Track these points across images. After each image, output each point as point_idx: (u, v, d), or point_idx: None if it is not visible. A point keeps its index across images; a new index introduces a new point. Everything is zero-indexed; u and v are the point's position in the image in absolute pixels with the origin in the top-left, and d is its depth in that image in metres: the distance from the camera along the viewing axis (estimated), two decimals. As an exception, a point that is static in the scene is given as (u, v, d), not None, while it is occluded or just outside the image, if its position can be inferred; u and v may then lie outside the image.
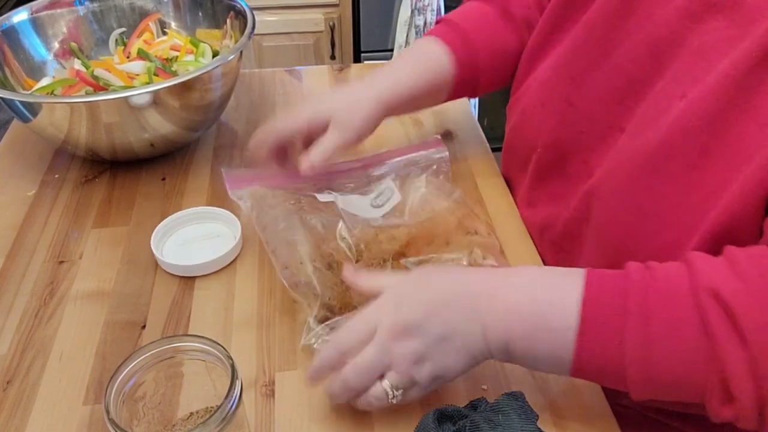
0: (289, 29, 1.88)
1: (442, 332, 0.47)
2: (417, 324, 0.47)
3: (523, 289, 0.48)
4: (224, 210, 0.71)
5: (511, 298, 0.47)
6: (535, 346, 0.47)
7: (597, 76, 0.58)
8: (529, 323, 0.46)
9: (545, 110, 0.64)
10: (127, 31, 0.92)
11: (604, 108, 0.58)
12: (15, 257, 0.69)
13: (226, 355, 0.45)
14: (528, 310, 0.47)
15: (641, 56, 0.54)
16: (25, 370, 0.58)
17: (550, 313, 0.46)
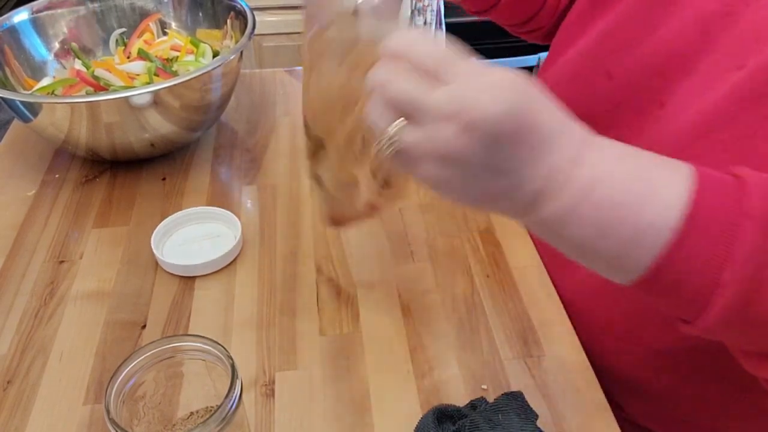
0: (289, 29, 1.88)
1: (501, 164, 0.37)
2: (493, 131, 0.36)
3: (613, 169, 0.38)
4: (224, 210, 0.72)
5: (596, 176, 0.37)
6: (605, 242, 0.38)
7: (640, 50, 0.55)
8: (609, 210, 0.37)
9: (578, 82, 0.61)
10: (127, 31, 0.92)
11: (645, 80, 0.55)
12: (15, 257, 0.69)
13: (226, 354, 0.45)
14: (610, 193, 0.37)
15: (690, 30, 0.51)
16: (25, 370, 0.58)
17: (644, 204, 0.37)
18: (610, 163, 0.38)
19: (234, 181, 0.80)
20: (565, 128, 0.39)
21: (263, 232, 0.72)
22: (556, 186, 0.37)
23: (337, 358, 0.59)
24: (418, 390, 0.56)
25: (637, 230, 0.37)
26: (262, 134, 0.88)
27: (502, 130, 0.36)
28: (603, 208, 0.37)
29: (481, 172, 0.37)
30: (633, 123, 0.56)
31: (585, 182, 0.37)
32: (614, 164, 0.38)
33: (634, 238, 0.37)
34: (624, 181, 0.37)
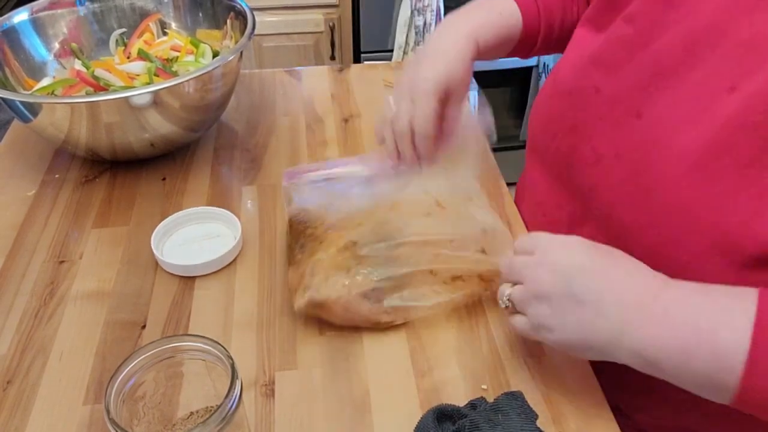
0: (289, 29, 1.88)
1: (582, 294, 0.46)
2: (569, 269, 0.47)
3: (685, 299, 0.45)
4: (224, 210, 0.72)
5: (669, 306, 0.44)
6: (691, 363, 0.43)
7: (629, 67, 0.57)
8: (688, 335, 0.43)
9: (571, 96, 0.63)
10: (127, 31, 0.92)
11: (627, 94, 0.57)
12: (15, 257, 0.69)
13: (226, 354, 0.45)
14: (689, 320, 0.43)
15: (676, 48, 0.53)
16: (25, 370, 0.58)
17: (717, 328, 0.42)
18: (684, 295, 0.45)
19: (234, 181, 0.80)
20: (641, 270, 0.47)
21: (263, 232, 0.72)
22: (638, 315, 0.44)
23: (337, 358, 0.59)
24: (418, 390, 0.56)
25: (714, 354, 0.42)
26: (262, 134, 0.88)
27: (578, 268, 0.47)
28: (682, 333, 0.43)
29: (568, 304, 0.46)
30: (609, 133, 0.58)
31: (663, 311, 0.44)
32: (688, 296, 0.45)
33: (714, 362, 0.42)
34: (697, 310, 0.43)
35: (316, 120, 0.91)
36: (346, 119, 0.91)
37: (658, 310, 0.44)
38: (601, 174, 0.58)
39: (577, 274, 0.47)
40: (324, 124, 0.90)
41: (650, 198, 0.53)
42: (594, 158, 0.59)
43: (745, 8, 0.49)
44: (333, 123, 0.90)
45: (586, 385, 0.56)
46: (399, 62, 1.11)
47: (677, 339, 0.43)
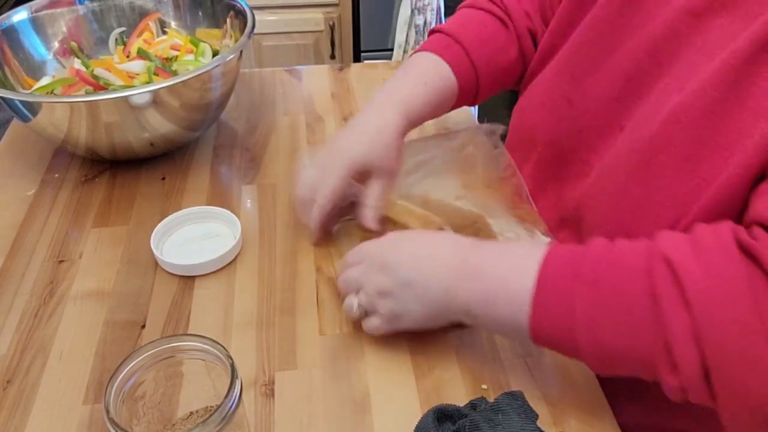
0: (289, 29, 1.88)
1: (409, 278, 0.53)
2: (392, 264, 0.54)
3: (488, 255, 0.52)
4: (224, 210, 0.71)
5: (477, 262, 0.51)
6: (495, 309, 0.49)
7: (597, 76, 0.59)
8: (489, 286, 0.50)
9: (545, 109, 0.65)
10: (126, 30, 0.92)
11: (603, 106, 0.58)
12: (15, 257, 0.69)
13: (225, 354, 0.45)
14: (490, 273, 0.50)
15: (640, 55, 0.54)
16: (25, 370, 0.58)
17: (510, 276, 0.49)
18: (489, 255, 0.52)
19: (234, 180, 0.80)
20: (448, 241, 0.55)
21: (263, 231, 0.72)
22: (454, 277, 0.52)
23: (337, 358, 0.59)
24: (418, 390, 0.56)
25: (511, 298, 0.48)
26: (261, 134, 0.88)
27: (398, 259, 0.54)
28: (486, 282, 0.50)
29: (404, 290, 0.53)
30: (596, 145, 0.59)
31: (472, 267, 0.51)
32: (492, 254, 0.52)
33: (511, 306, 0.48)
34: (498, 262, 0.51)
35: (316, 119, 0.90)
36: (346, 118, 0.90)
37: (468, 270, 0.51)
38: (591, 186, 0.58)
39: (400, 264, 0.54)
40: (324, 123, 0.90)
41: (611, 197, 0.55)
42: (586, 170, 0.60)
43: (697, 15, 0.50)
44: (333, 122, 0.90)
45: (586, 385, 0.56)
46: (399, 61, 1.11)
47: (484, 290, 0.50)
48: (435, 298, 0.53)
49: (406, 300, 0.54)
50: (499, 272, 0.50)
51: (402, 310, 0.54)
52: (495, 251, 0.53)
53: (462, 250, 0.53)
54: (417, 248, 0.55)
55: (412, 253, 0.55)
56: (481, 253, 0.52)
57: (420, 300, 0.53)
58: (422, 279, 0.53)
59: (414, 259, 0.54)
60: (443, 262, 0.53)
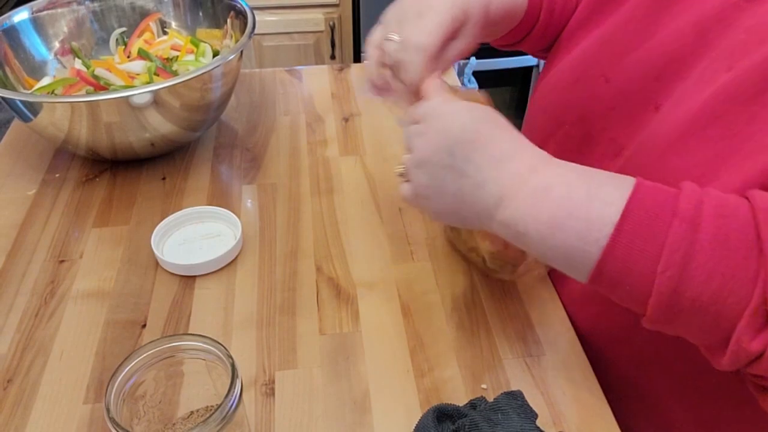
0: (289, 29, 1.89)
1: (463, 166, 0.46)
2: (453, 138, 0.47)
3: (564, 175, 0.45)
4: (225, 209, 0.72)
5: (548, 178, 0.45)
6: (558, 234, 0.43)
7: (637, 55, 0.56)
8: (562, 208, 0.43)
9: (578, 86, 0.62)
10: (127, 30, 0.92)
11: (641, 85, 0.56)
12: (15, 256, 0.69)
13: (226, 354, 0.45)
14: (561, 193, 0.44)
15: (686, 35, 0.53)
16: (26, 369, 0.58)
17: (588, 202, 0.43)
18: (563, 171, 0.45)
19: (234, 180, 0.80)
20: (524, 144, 0.47)
21: (263, 231, 0.72)
22: (516, 188, 0.45)
23: (337, 357, 0.59)
24: (418, 389, 0.56)
25: (585, 224, 0.42)
26: (262, 134, 0.88)
27: (459, 138, 0.47)
28: (556, 205, 0.43)
29: (448, 173, 0.47)
30: (628, 124, 0.57)
31: (541, 184, 0.44)
32: (567, 172, 0.45)
33: (583, 232, 0.42)
34: (574, 184, 0.44)
35: (316, 119, 0.91)
36: (346, 118, 0.91)
37: (537, 183, 0.45)
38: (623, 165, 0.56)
39: (459, 144, 0.47)
40: (324, 123, 0.90)
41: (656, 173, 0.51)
42: (615, 149, 0.58)
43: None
44: (333, 122, 0.90)
45: (586, 385, 0.56)
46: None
47: (549, 211, 0.43)
48: (480, 199, 0.46)
49: (444, 186, 0.47)
50: (574, 194, 0.43)
51: (432, 195, 0.48)
52: (571, 172, 0.46)
53: (535, 159, 0.46)
54: (490, 135, 0.47)
55: (481, 139, 0.47)
56: (556, 169, 0.46)
57: (460, 196, 0.47)
58: (477, 176, 0.46)
59: (479, 147, 0.46)
60: (512, 167, 0.46)
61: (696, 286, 0.39)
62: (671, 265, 0.39)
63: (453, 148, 0.47)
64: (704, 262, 0.39)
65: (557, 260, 0.45)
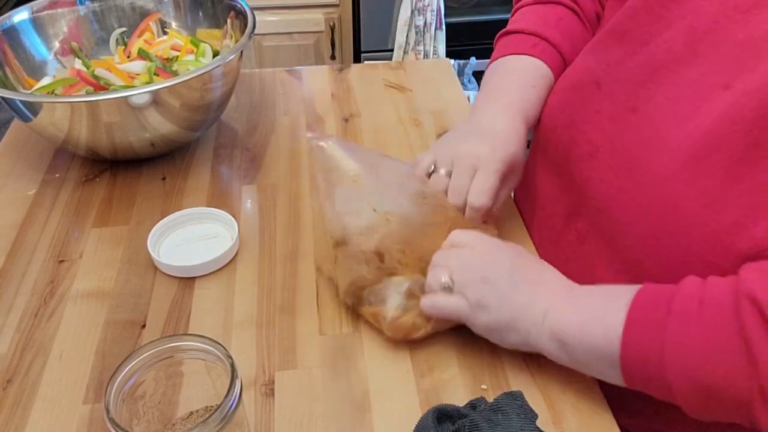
0: (289, 29, 1.88)
1: (519, 283, 0.54)
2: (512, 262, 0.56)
3: (590, 291, 0.54)
4: (221, 211, 0.71)
5: (578, 296, 0.53)
6: (589, 339, 0.50)
7: (630, 63, 0.57)
8: (587, 316, 0.51)
9: (573, 92, 0.63)
10: (127, 30, 0.92)
11: (626, 89, 0.57)
12: (15, 256, 0.69)
13: (225, 354, 0.45)
14: (588, 304, 0.52)
15: (676, 44, 0.54)
16: (25, 369, 0.58)
17: (606, 308, 0.50)
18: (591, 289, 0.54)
19: (234, 180, 0.80)
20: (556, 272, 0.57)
21: (263, 231, 0.72)
22: (557, 303, 0.53)
23: (337, 357, 0.59)
24: (418, 390, 0.56)
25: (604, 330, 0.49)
26: (262, 134, 0.88)
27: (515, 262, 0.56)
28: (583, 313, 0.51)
29: (507, 288, 0.54)
30: (605, 127, 0.58)
31: (574, 299, 0.53)
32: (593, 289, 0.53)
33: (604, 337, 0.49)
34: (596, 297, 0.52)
35: (316, 119, 0.91)
36: (346, 119, 0.91)
37: (573, 299, 0.53)
38: (596, 167, 0.58)
39: (518, 266, 0.56)
40: (324, 123, 0.90)
41: (642, 192, 0.54)
42: (590, 151, 0.59)
43: (742, 8, 0.50)
44: (333, 122, 0.90)
45: (586, 385, 0.56)
46: (399, 62, 1.11)
47: (581, 320, 0.51)
48: (531, 312, 0.53)
49: (505, 299, 0.54)
50: (597, 305, 0.51)
51: (492, 304, 0.54)
52: (596, 288, 0.54)
53: (570, 284, 0.55)
54: (535, 266, 0.57)
55: (530, 267, 0.56)
56: (584, 288, 0.54)
57: (517, 307, 0.54)
58: (531, 292, 0.54)
59: (530, 272, 0.56)
60: (555, 288, 0.55)
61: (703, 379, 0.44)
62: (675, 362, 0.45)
63: (513, 268, 0.55)
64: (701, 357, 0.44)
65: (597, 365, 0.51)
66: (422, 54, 1.84)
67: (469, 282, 0.55)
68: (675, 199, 0.51)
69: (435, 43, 1.84)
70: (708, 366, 0.44)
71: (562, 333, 0.51)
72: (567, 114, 0.64)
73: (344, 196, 0.61)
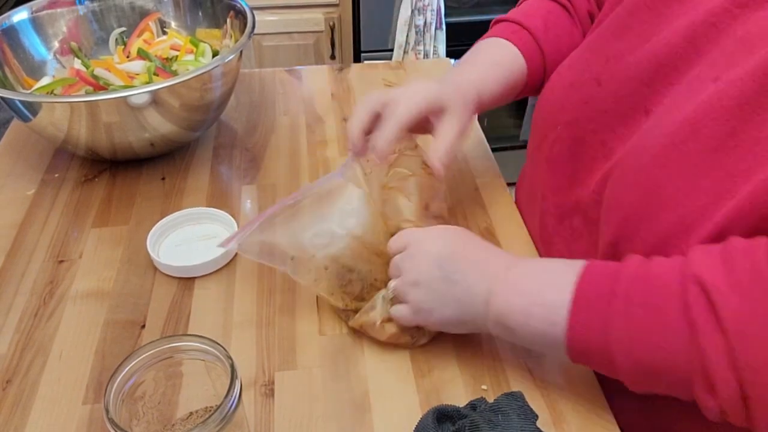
0: (289, 29, 1.88)
1: (452, 276, 0.53)
2: (438, 256, 0.54)
3: (528, 270, 0.52)
4: (221, 211, 0.71)
5: (517, 277, 0.52)
6: (530, 321, 0.50)
7: (630, 59, 0.57)
8: (527, 299, 0.50)
9: (572, 89, 0.64)
10: (127, 30, 0.92)
11: (631, 89, 0.57)
12: (15, 256, 0.69)
13: (225, 354, 0.45)
14: (528, 286, 0.51)
15: (676, 41, 0.53)
16: (25, 370, 0.58)
17: (547, 291, 0.49)
18: (530, 267, 0.53)
19: (234, 180, 0.80)
20: (494, 249, 0.56)
21: (263, 231, 0.72)
22: (497, 286, 0.52)
23: (337, 358, 0.59)
24: (418, 390, 0.56)
25: (546, 313, 0.49)
26: (261, 134, 0.88)
27: (442, 254, 0.54)
28: (524, 295, 0.51)
29: (441, 284, 0.53)
30: (617, 128, 0.58)
31: (513, 279, 0.52)
32: (532, 266, 0.53)
33: (546, 320, 0.49)
34: (536, 277, 0.51)
35: (316, 119, 0.91)
36: (346, 118, 0.90)
37: (510, 280, 0.52)
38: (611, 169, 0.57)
39: (445, 258, 0.54)
40: (324, 123, 0.90)
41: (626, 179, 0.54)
42: (605, 152, 0.59)
43: (742, 4, 0.50)
44: (333, 122, 0.90)
45: (586, 385, 0.56)
46: (399, 62, 1.11)
47: (521, 303, 0.50)
48: (473, 303, 0.53)
49: (442, 297, 0.54)
50: (537, 286, 0.51)
51: (434, 307, 0.54)
52: (535, 266, 0.53)
53: (507, 261, 0.54)
54: (466, 248, 0.55)
55: (460, 252, 0.55)
56: (522, 266, 0.53)
57: (457, 301, 0.53)
58: (466, 281, 0.53)
59: (461, 259, 0.54)
60: (490, 270, 0.53)
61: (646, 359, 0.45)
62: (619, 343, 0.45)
63: (440, 262, 0.54)
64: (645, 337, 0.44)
65: (537, 345, 0.52)
66: (422, 54, 1.84)
67: (404, 289, 0.55)
68: (654, 184, 0.51)
69: (435, 42, 1.83)
70: (651, 346, 0.44)
71: (505, 319, 0.51)
72: (568, 112, 0.64)
73: None
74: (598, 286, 0.47)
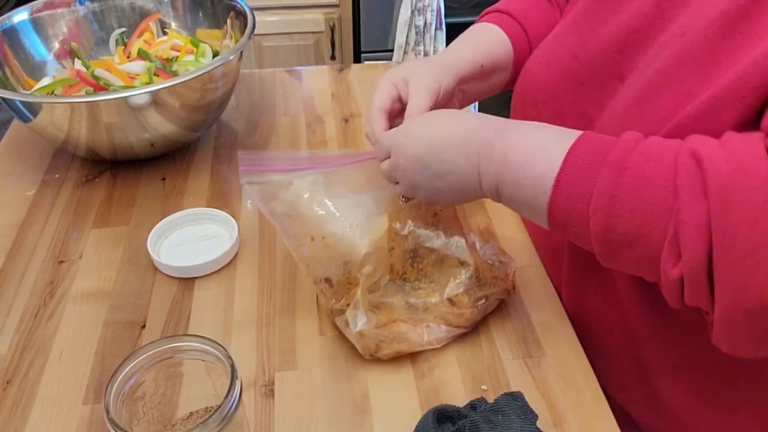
0: (289, 29, 1.88)
1: (439, 169, 0.54)
2: (419, 156, 0.55)
3: (517, 137, 0.52)
4: (221, 211, 0.71)
5: (505, 144, 0.52)
6: (519, 192, 0.50)
7: (602, 31, 0.58)
8: (517, 169, 0.50)
9: (550, 66, 0.64)
10: (127, 31, 0.92)
11: (605, 57, 0.58)
12: (15, 257, 0.69)
13: (225, 355, 0.45)
14: (517, 155, 0.51)
15: (646, 9, 0.54)
16: (25, 370, 0.58)
17: (537, 159, 0.49)
18: (518, 136, 0.52)
19: (234, 180, 0.80)
20: (474, 120, 0.55)
21: (263, 231, 0.72)
22: (485, 164, 0.52)
23: (337, 358, 0.59)
24: (418, 390, 0.56)
25: (534, 181, 0.49)
26: (262, 134, 0.88)
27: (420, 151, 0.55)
28: (514, 167, 0.50)
29: (435, 180, 0.55)
30: (596, 97, 0.59)
31: (499, 153, 0.51)
32: (521, 136, 0.51)
33: (534, 187, 0.49)
34: (525, 146, 0.50)
35: (316, 119, 0.91)
36: (346, 119, 0.91)
37: (497, 155, 0.51)
38: None
39: (426, 155, 0.55)
40: (324, 123, 0.90)
41: None
42: (584, 122, 0.59)
43: None
44: (333, 122, 0.90)
45: (586, 385, 0.56)
46: (399, 62, 1.11)
47: (511, 173, 0.51)
48: (468, 184, 0.54)
49: (440, 189, 0.55)
50: (526, 155, 0.50)
51: (437, 197, 0.57)
52: (525, 132, 0.52)
53: (490, 131, 0.53)
54: (446, 134, 0.55)
55: (438, 141, 0.55)
56: (511, 134, 0.52)
57: (453, 188, 0.55)
58: (455, 168, 0.54)
59: (442, 148, 0.54)
60: (471, 146, 0.53)
61: (623, 223, 0.44)
62: (600, 207, 0.45)
63: (423, 161, 0.55)
64: (627, 201, 0.44)
65: (530, 216, 0.52)
66: (422, 54, 1.84)
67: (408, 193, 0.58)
68: None
69: (435, 43, 1.84)
70: (628, 214, 0.44)
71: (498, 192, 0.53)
72: (545, 87, 0.65)
73: None
74: (590, 153, 0.47)
